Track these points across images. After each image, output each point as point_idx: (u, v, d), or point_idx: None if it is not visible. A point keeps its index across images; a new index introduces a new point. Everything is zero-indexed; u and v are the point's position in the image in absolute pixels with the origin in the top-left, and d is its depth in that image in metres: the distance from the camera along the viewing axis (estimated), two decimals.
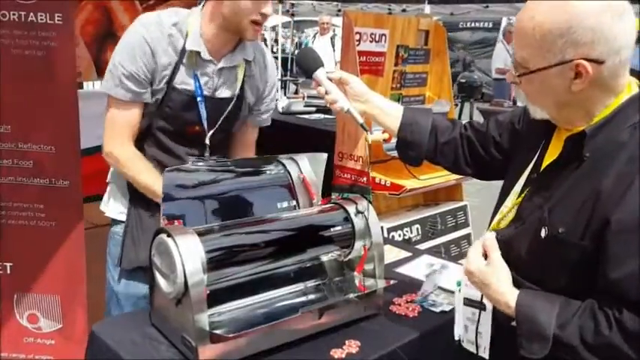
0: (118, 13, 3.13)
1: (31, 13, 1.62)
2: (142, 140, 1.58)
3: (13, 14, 1.62)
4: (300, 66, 1.42)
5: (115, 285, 1.61)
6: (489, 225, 1.19)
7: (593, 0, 0.94)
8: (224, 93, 1.59)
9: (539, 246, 1.05)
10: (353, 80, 1.39)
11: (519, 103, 2.71)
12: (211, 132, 1.58)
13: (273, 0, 10.23)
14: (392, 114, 1.39)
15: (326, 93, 1.37)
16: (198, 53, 1.51)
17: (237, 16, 1.45)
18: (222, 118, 1.58)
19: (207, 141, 1.59)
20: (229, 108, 1.59)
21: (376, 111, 1.40)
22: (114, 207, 1.65)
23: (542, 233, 1.04)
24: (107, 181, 1.68)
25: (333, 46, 8.45)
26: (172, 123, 1.56)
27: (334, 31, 7.99)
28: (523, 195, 1.12)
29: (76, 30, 2.62)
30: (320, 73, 1.38)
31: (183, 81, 1.52)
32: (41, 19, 1.63)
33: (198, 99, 1.54)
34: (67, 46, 1.65)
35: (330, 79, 1.38)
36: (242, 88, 1.62)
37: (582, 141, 1.01)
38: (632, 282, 0.92)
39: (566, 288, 1.02)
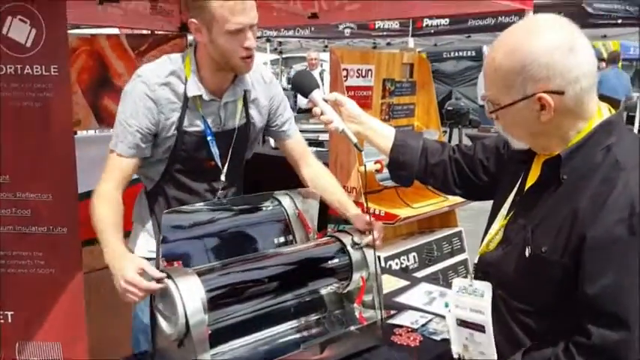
0: (111, 60, 3.21)
1: (27, 66, 1.67)
2: (162, 184, 1.62)
3: (10, 67, 1.66)
4: (297, 87, 1.46)
5: (147, 318, 1.51)
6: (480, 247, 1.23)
7: (543, 40, 1.02)
8: (231, 125, 1.63)
9: (524, 265, 1.09)
10: (347, 102, 1.44)
11: None
12: (226, 165, 1.62)
13: (260, 38, 10.41)
14: (385, 135, 1.44)
15: (321, 113, 1.40)
16: (200, 96, 1.55)
17: (225, 57, 1.49)
18: (231, 150, 1.62)
19: (222, 177, 1.62)
20: (235, 138, 1.62)
21: (369, 132, 1.44)
22: (142, 245, 1.67)
23: (527, 253, 1.08)
24: (132, 220, 1.72)
25: (322, 80, 8.62)
26: (188, 163, 1.60)
27: (322, 65, 8.19)
28: (509, 217, 1.17)
29: (72, 78, 2.68)
30: (316, 94, 1.41)
31: (192, 123, 1.56)
32: (37, 71, 1.67)
33: (209, 138, 1.58)
34: (63, 97, 1.69)
35: (326, 101, 1.42)
36: (247, 115, 1.66)
37: (558, 164, 1.08)
38: (606, 296, 0.97)
39: (553, 306, 1.06)
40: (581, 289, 1.00)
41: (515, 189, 1.19)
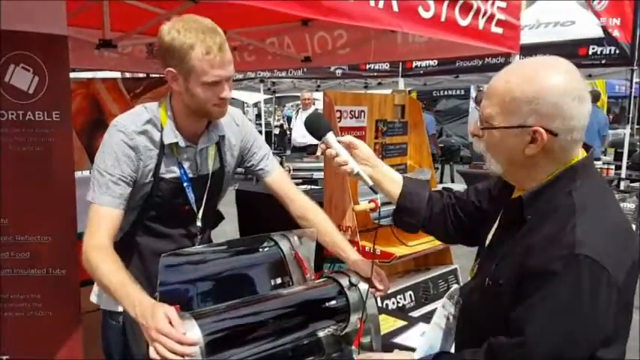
0: (106, 102, 3.27)
1: (29, 112, 1.71)
2: (132, 232, 1.62)
3: (12, 114, 1.70)
4: (311, 129, 1.45)
5: None
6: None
7: (562, 81, 1.06)
8: (205, 170, 1.65)
9: (485, 296, 1.17)
10: (361, 144, 1.45)
11: None
12: (201, 210, 1.63)
13: (254, 78, 10.54)
14: (395, 180, 1.46)
15: (336, 155, 1.40)
16: (176, 143, 1.57)
17: (200, 105, 1.51)
18: (206, 194, 1.64)
19: (198, 222, 1.63)
20: (209, 182, 1.64)
21: (380, 176, 1.45)
22: (108, 298, 1.63)
23: (486, 284, 1.16)
24: None
25: None
26: (163, 210, 1.60)
27: (314, 104, 8.34)
28: (484, 255, 1.26)
29: None
30: (330, 137, 1.41)
31: (168, 170, 1.58)
32: (39, 117, 1.71)
33: (185, 184, 1.59)
34: (64, 141, 1.73)
35: (340, 142, 1.42)
36: (221, 160, 1.68)
37: (521, 205, 1.13)
38: (522, 318, 1.04)
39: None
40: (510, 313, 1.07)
41: (495, 226, 1.26)
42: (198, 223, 1.64)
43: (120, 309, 1.60)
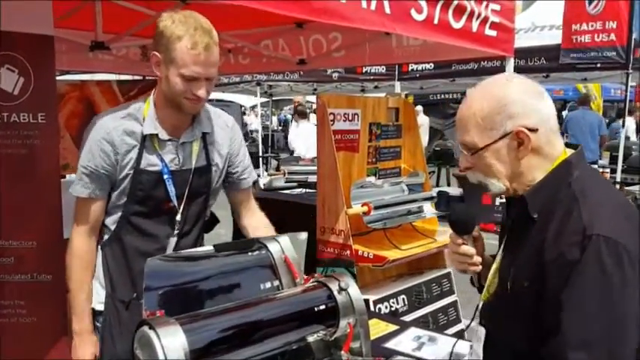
0: (101, 105, 3.25)
1: (14, 114, 1.68)
2: (118, 231, 1.62)
3: None
4: (457, 223, 1.34)
5: None
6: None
7: (516, 86, 1.15)
8: (188, 165, 1.66)
9: (509, 301, 1.17)
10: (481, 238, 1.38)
11: None
12: (182, 206, 1.64)
13: (251, 82, 10.54)
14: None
15: (473, 254, 1.31)
16: (157, 135, 1.59)
17: (173, 94, 1.54)
18: (187, 190, 1.64)
19: (178, 217, 1.64)
20: (192, 178, 1.65)
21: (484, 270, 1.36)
22: (92, 297, 1.64)
23: (508, 288, 1.16)
24: None
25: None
26: (146, 204, 1.61)
27: (311, 107, 8.35)
28: (500, 260, 1.25)
29: (61, 123, 2.70)
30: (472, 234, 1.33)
31: (149, 163, 1.60)
32: (24, 119, 1.69)
33: (165, 176, 1.60)
34: (50, 144, 1.71)
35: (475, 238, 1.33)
36: (207, 157, 1.69)
37: (525, 202, 1.16)
38: (566, 318, 1.03)
39: (539, 339, 1.09)
40: (544, 313, 1.07)
41: (506, 233, 1.28)
42: (178, 218, 1.64)
43: (98, 308, 1.61)
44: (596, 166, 6.68)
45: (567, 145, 1.20)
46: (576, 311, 1.02)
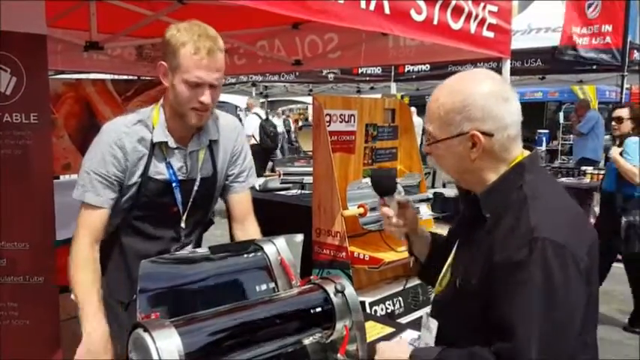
0: (98, 105, 3.23)
1: (7, 114, 1.66)
2: (118, 233, 1.61)
3: None
4: (376, 186, 1.50)
5: None
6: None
7: (483, 87, 1.17)
8: (195, 173, 1.66)
9: (457, 297, 1.21)
10: (410, 206, 1.51)
11: None
12: (186, 212, 1.64)
13: (246, 82, 10.56)
14: (426, 241, 1.54)
15: (392, 215, 1.46)
16: (166, 143, 1.58)
17: (179, 104, 1.54)
18: (193, 197, 1.64)
19: (182, 223, 1.64)
20: (198, 186, 1.65)
21: (416, 238, 1.53)
22: None
23: (457, 285, 1.21)
24: None
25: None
26: (150, 209, 1.61)
27: (308, 109, 8.36)
28: (453, 257, 1.30)
29: (60, 123, 2.68)
30: (393, 198, 1.47)
31: (158, 171, 1.59)
32: (16, 119, 1.67)
33: (174, 184, 1.60)
34: (43, 144, 1.69)
35: (399, 203, 1.47)
36: (214, 164, 1.68)
37: (478, 203, 1.20)
38: (505, 316, 1.06)
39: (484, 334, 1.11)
40: (491, 311, 1.09)
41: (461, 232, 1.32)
42: (183, 225, 1.65)
43: None
44: (590, 168, 6.71)
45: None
46: (521, 311, 1.05)
